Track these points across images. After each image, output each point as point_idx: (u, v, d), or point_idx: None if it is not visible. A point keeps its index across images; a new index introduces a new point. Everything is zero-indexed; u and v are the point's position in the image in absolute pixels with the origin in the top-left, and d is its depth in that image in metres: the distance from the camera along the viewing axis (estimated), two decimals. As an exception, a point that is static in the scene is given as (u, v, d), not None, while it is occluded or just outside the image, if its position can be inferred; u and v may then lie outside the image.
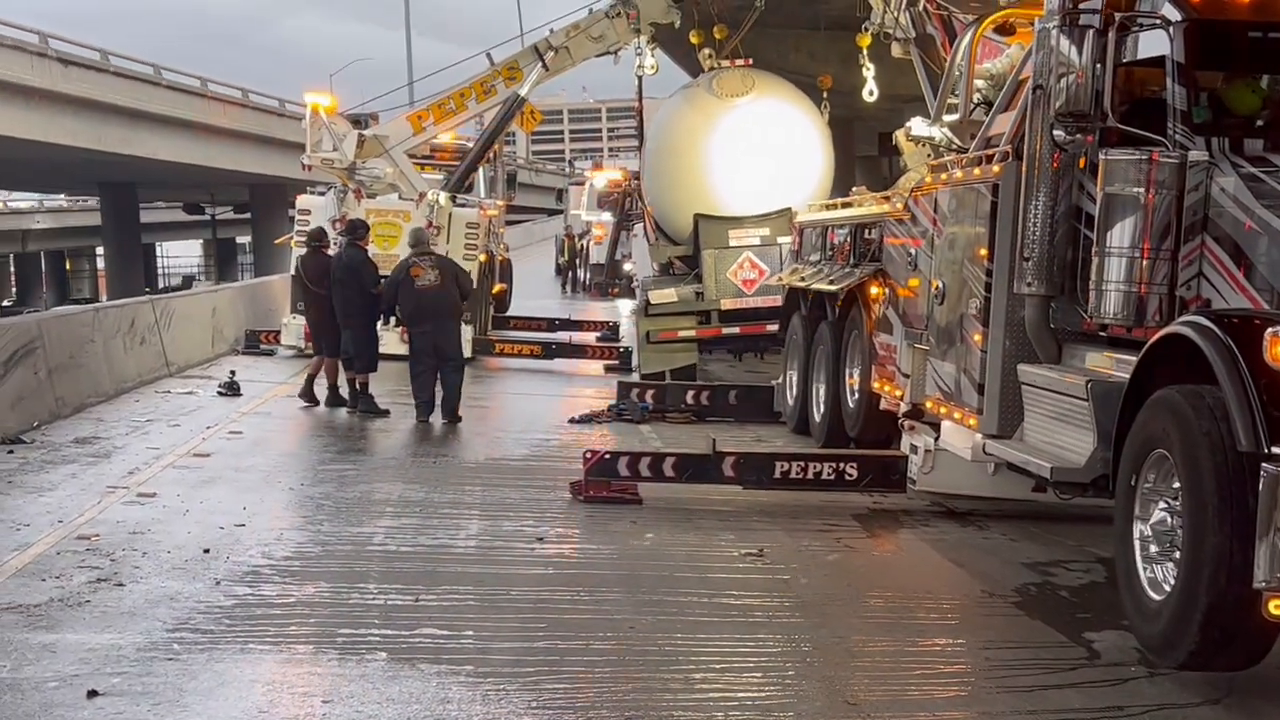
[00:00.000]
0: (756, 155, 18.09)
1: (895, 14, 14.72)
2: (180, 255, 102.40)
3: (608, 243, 41.86)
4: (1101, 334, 8.33)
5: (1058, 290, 8.64)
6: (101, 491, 10.66)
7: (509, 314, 28.60)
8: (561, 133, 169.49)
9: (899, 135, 16.60)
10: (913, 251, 10.98)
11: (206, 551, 8.78)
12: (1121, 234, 7.62)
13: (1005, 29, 11.10)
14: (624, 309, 35.75)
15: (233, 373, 16.98)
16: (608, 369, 21.41)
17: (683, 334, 17.98)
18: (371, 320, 15.43)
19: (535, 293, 38.21)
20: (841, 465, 10.96)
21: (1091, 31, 7.85)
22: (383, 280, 15.32)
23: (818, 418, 14.12)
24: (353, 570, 8.50)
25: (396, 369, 15.90)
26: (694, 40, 23.34)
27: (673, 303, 17.92)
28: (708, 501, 10.94)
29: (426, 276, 14.72)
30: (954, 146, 11.60)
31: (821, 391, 14.07)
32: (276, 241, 33.52)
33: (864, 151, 43.33)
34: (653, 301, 17.98)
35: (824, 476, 10.96)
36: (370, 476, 11.79)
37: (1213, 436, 6.35)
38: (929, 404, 10.56)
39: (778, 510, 10.74)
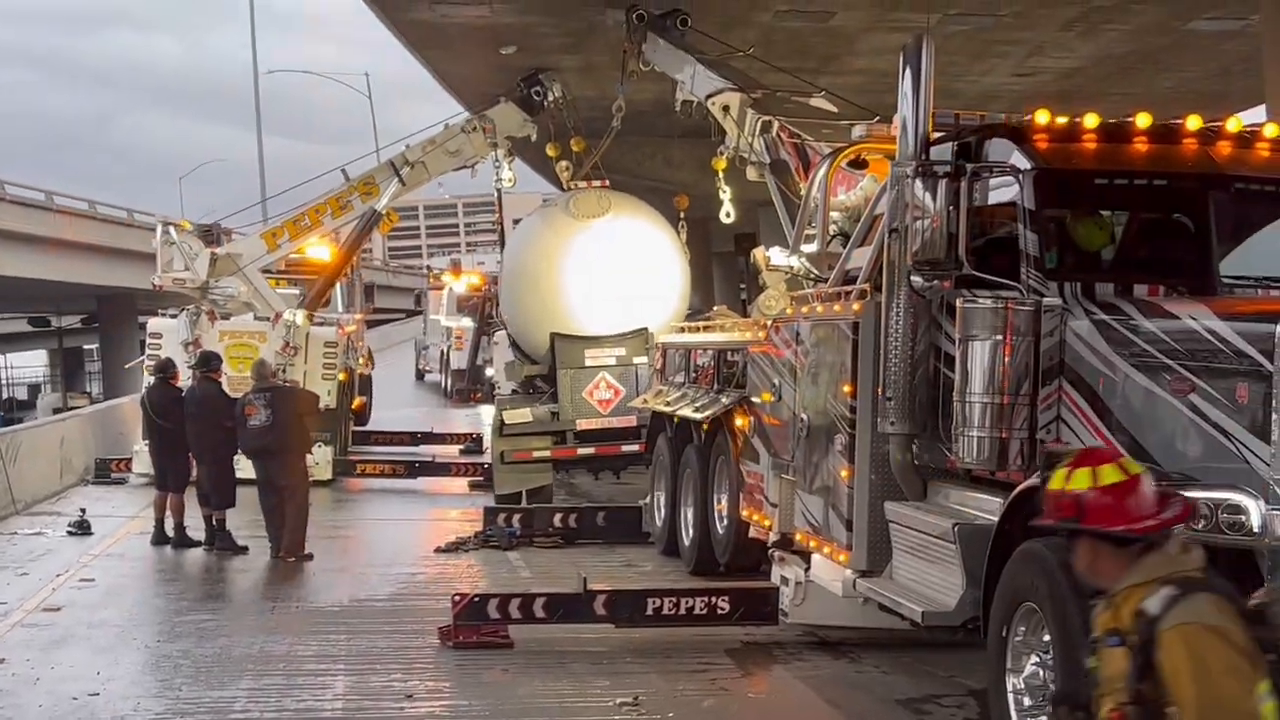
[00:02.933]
0: (613, 275, 18.10)
1: (749, 139, 14.95)
2: (24, 365, 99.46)
3: (468, 348, 41.65)
4: (965, 474, 8.42)
5: (920, 428, 8.73)
6: (-56, 658, 10.16)
7: (370, 429, 28.19)
8: (418, 229, 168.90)
9: (757, 254, 16.90)
10: (776, 382, 11.04)
11: (58, 728, 8.40)
12: (981, 379, 7.72)
13: (859, 162, 11.29)
14: (486, 416, 35.52)
15: (82, 510, 16.43)
16: (472, 486, 21.19)
17: (537, 454, 17.81)
18: (227, 455, 15.07)
19: (394, 400, 37.76)
20: (713, 599, 10.88)
21: (944, 180, 8.00)
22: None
23: (687, 542, 14.08)
24: (214, 742, 8.18)
25: (251, 497, 15.53)
26: (550, 153, 23.50)
27: (528, 422, 17.77)
28: (580, 641, 10.77)
29: (258, 417, 14.54)
30: (812, 276, 11.74)
31: (690, 515, 14.05)
32: (127, 366, 32.80)
33: (720, 248, 43.97)
34: (507, 421, 17.81)
35: (696, 612, 10.86)
36: (230, 627, 11.41)
37: (1083, 592, 6.40)
38: (799, 536, 10.56)
39: (651, 648, 10.61)
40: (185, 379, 20.71)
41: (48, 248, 43.07)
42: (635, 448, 17.20)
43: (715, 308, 16.44)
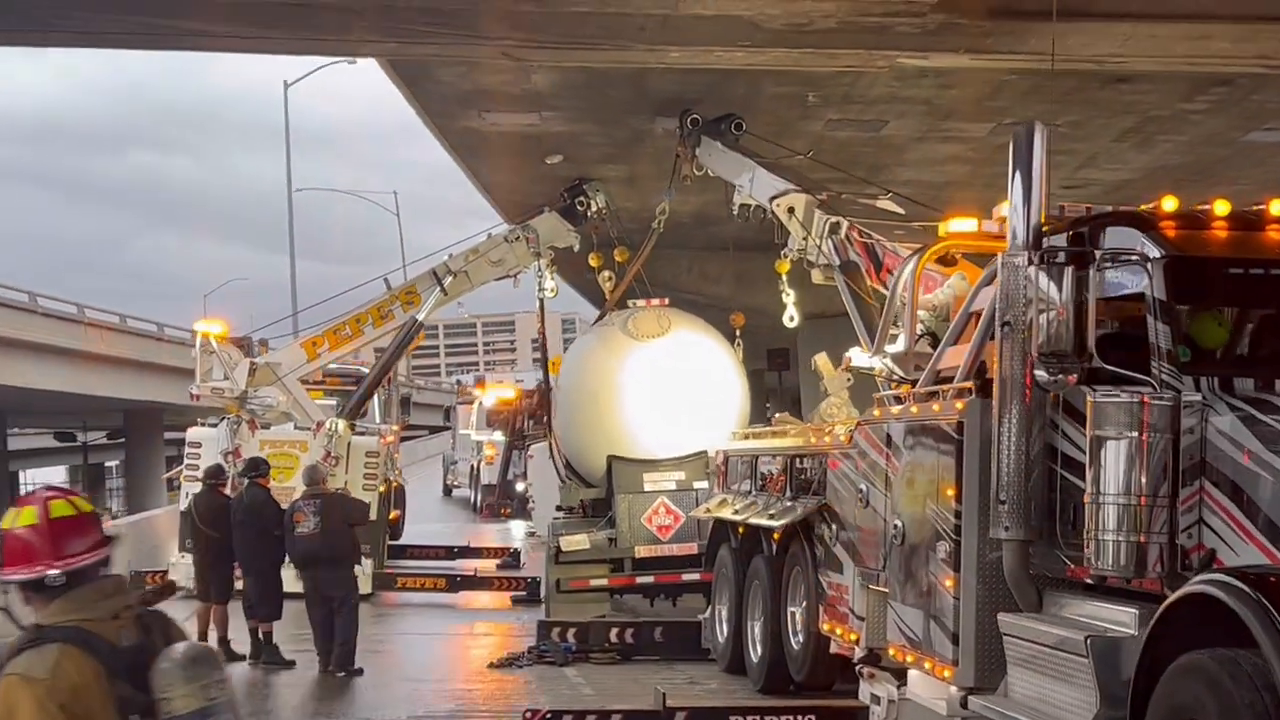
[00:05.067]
0: (673, 397, 17.56)
1: (817, 241, 14.61)
2: (42, 482, 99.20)
3: (499, 462, 41.16)
4: (1089, 582, 7.89)
5: (1036, 535, 8.21)
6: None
7: (405, 542, 27.63)
8: (437, 347, 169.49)
9: (818, 361, 16.52)
10: (863, 487, 10.54)
11: None
12: (1116, 479, 7.23)
13: (947, 260, 10.92)
14: (516, 531, 34.94)
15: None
16: (515, 601, 20.62)
17: (594, 582, 17.14)
18: (275, 564, 14.56)
19: (422, 516, 37.21)
20: (799, 718, 10.29)
21: (1070, 269, 7.58)
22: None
23: (755, 658, 13.46)
24: None
25: (298, 609, 14.99)
26: (593, 263, 23.31)
27: (585, 549, 17.14)
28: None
29: (306, 524, 14.08)
30: (895, 378, 11.29)
31: (757, 630, 13.46)
32: (165, 476, 32.37)
33: (752, 365, 43.66)
34: (564, 548, 17.13)
35: (782, 731, 10.28)
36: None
37: (1256, 708, 5.87)
38: (891, 651, 9.97)
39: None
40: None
41: (78, 361, 42.93)
42: (696, 576, 16.60)
43: (775, 415, 15.97)
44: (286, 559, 14.66)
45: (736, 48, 14.46)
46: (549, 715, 10.27)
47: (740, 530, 14.02)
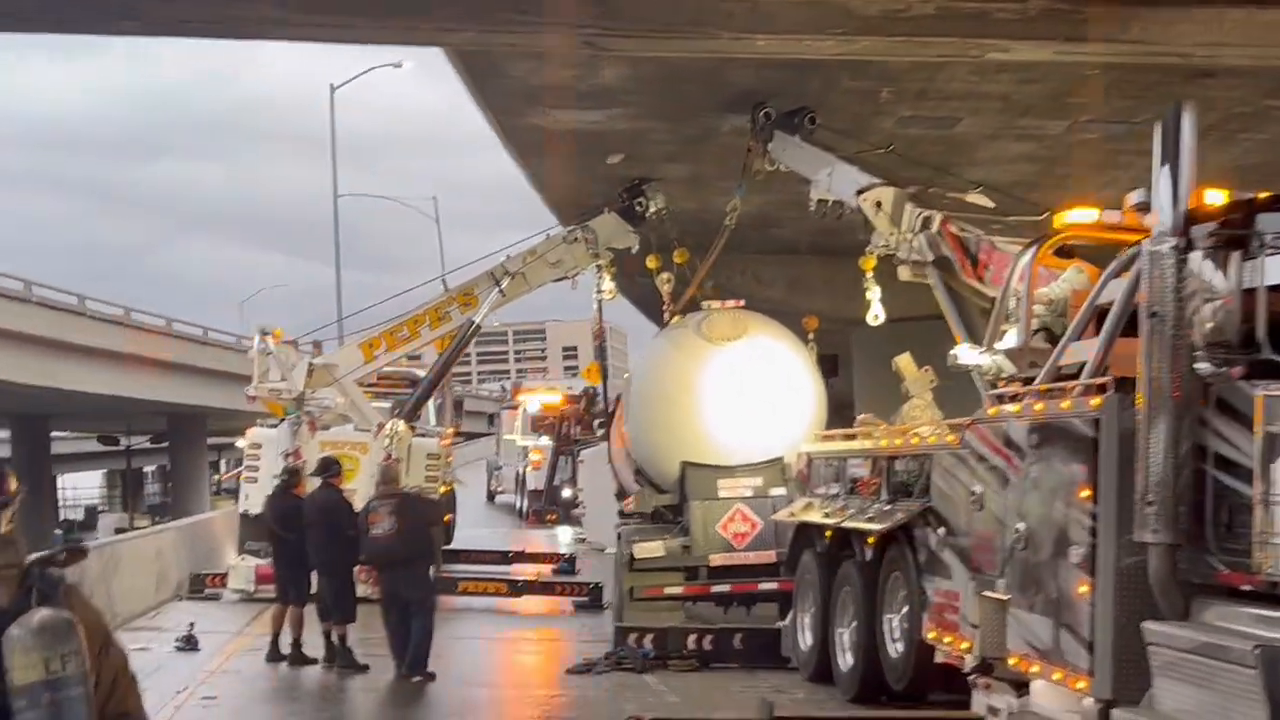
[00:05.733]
0: (750, 401, 17.02)
1: (908, 237, 14.11)
2: (78, 487, 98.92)
3: (546, 468, 40.83)
4: (1244, 589, 7.43)
5: (1185, 538, 7.77)
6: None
7: (458, 547, 27.28)
8: (469, 355, 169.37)
9: (900, 362, 16.06)
10: (977, 489, 10.09)
11: None
12: (1289, 478, 6.78)
13: (1064, 252, 10.46)
14: (563, 537, 34.58)
15: (191, 625, 15.55)
16: (577, 607, 20.24)
17: (669, 590, 16.65)
18: (349, 566, 14.20)
19: (468, 521, 36.86)
20: (913, 730, 9.85)
21: (1237, 255, 7.13)
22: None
23: (845, 666, 13.02)
24: None
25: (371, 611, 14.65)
26: (651, 265, 22.91)
27: (659, 557, 16.65)
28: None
29: (381, 525, 13.69)
30: (1005, 376, 10.85)
31: (847, 638, 13.02)
32: (222, 477, 32.13)
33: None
34: (638, 556, 16.63)
35: (894, 743, 9.84)
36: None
37: None
38: (1012, 660, 9.52)
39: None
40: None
41: (125, 364, 42.84)
42: (774, 585, 16.14)
43: (859, 416, 15.49)
44: (361, 560, 14.31)
45: (827, 36, 14.02)
46: (650, 724, 9.86)
47: (828, 535, 13.59)
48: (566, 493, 39.52)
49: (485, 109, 21.39)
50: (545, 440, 41.30)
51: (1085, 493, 8.51)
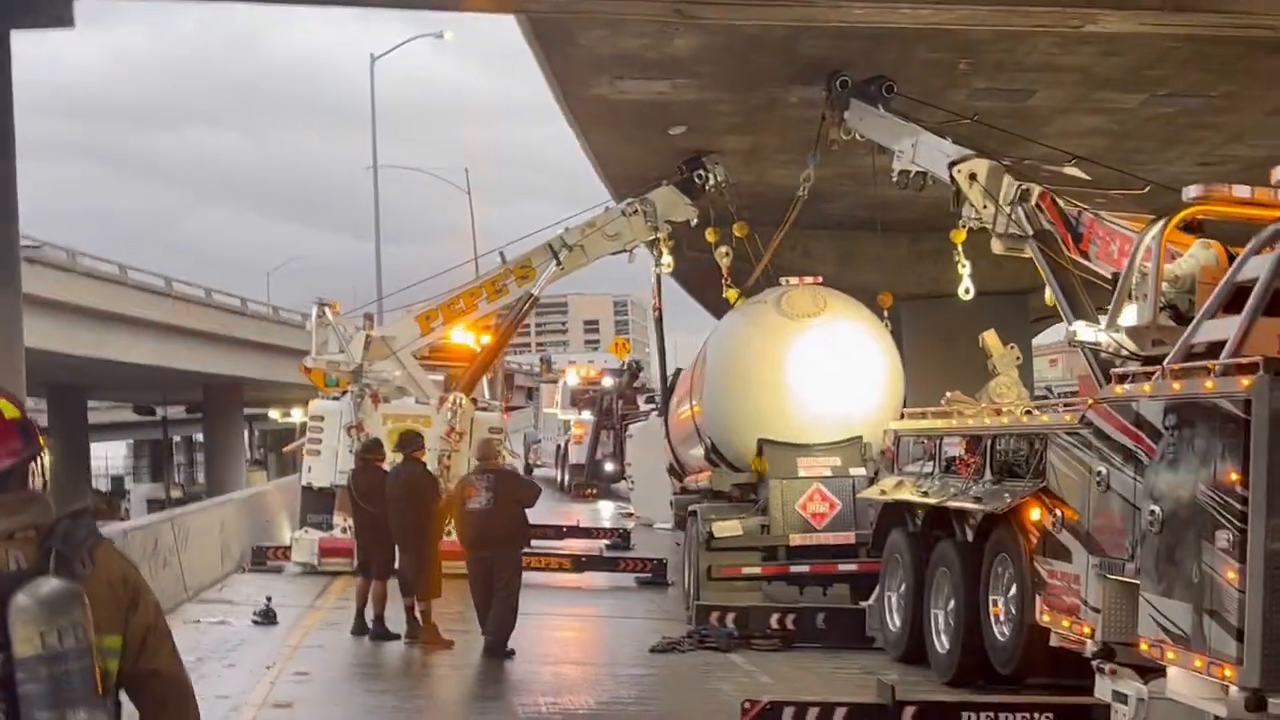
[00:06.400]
0: (829, 379, 16.72)
1: (1007, 210, 13.78)
2: (104, 457, 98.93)
3: (588, 443, 40.65)
4: None
5: (1348, 522, 7.51)
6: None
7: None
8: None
9: (986, 338, 15.79)
10: (1102, 470, 9.82)
11: None
12: None
13: (1193, 226, 10.18)
14: (604, 511, 34.43)
15: (268, 599, 15.38)
16: (640, 583, 20.09)
17: (747, 570, 16.40)
18: (432, 540, 14.02)
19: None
20: (1036, 716, 9.65)
21: None
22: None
23: (940, 649, 12.79)
24: None
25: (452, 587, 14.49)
26: (710, 238, 22.68)
27: (737, 536, 16.39)
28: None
29: (478, 499, 13.46)
30: (1123, 354, 10.59)
31: (942, 619, 12.80)
32: (285, 450, 31.96)
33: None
34: (716, 535, 16.32)
35: (1016, 729, 9.62)
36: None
37: None
38: (1143, 646, 9.27)
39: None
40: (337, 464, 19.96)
41: (166, 334, 42.81)
42: (853, 567, 15.92)
43: (947, 394, 15.20)
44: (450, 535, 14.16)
45: (923, 5, 13.73)
46: (769, 706, 9.64)
47: (920, 512, 13.36)
48: (609, 467, 39.39)
49: (551, 78, 21.13)
50: (587, 415, 41.14)
51: (1233, 475, 8.24)
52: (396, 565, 14.22)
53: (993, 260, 18.98)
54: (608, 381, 42.10)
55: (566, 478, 41.97)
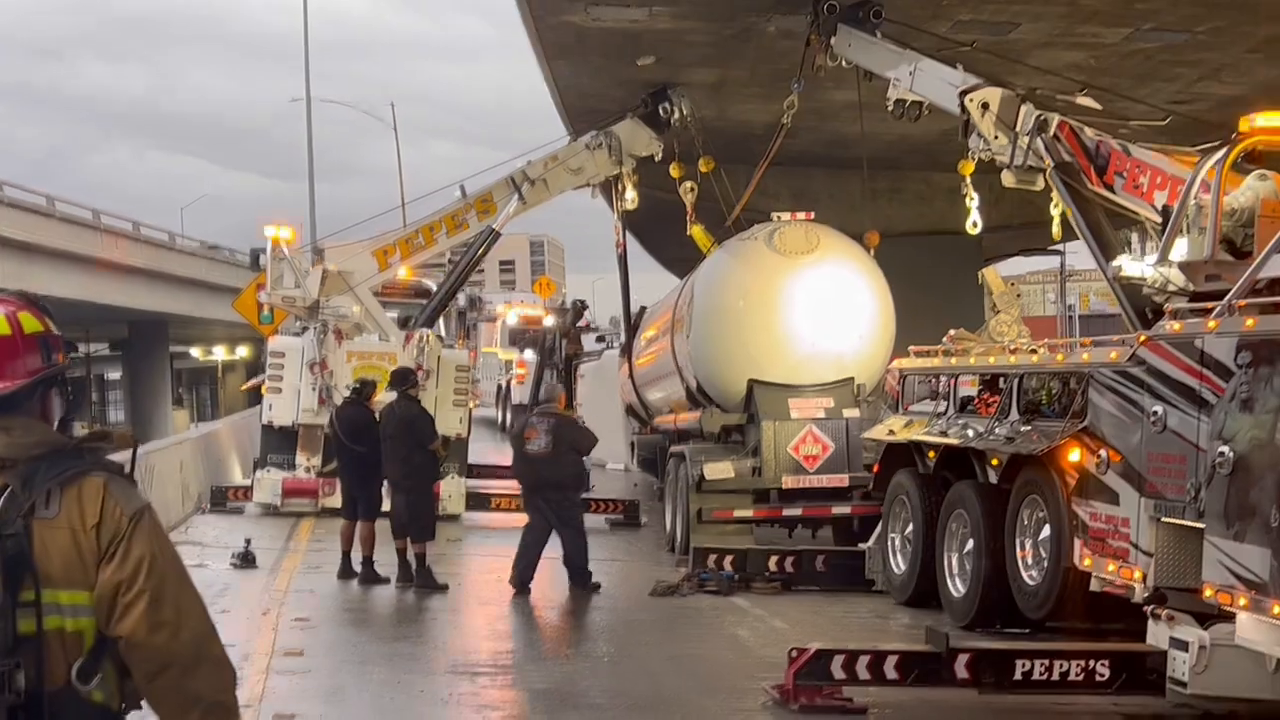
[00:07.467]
0: (822, 319, 16.31)
1: (1025, 141, 13.32)
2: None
3: (530, 383, 40.00)
4: None
5: None
6: None
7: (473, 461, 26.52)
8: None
9: (987, 274, 15.45)
10: (1158, 410, 9.49)
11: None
12: None
13: (1252, 156, 9.82)
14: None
15: (247, 541, 14.73)
16: (612, 524, 19.70)
17: (738, 514, 15.98)
18: (430, 481, 13.49)
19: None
20: (1091, 663, 9.31)
21: None
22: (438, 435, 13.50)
23: (956, 592, 12.46)
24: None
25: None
26: (674, 174, 22.23)
27: (729, 478, 15.97)
28: (936, 707, 9.20)
29: (538, 441, 13.18)
30: (1171, 289, 10.25)
31: (957, 562, 12.47)
32: (244, 387, 31.04)
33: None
34: (708, 476, 15.93)
35: (1071, 677, 9.29)
36: (524, 667, 9.85)
37: None
38: (1208, 591, 8.97)
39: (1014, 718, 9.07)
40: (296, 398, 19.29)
41: (94, 268, 41.48)
42: (847, 510, 15.59)
43: (951, 331, 14.84)
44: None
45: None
46: (817, 654, 9.23)
47: (931, 453, 13.02)
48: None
49: (523, 3, 20.41)
50: (530, 354, 40.46)
51: (1320, 414, 7.94)
52: (386, 506, 13.66)
53: (948, 200, 18.59)
54: (550, 321, 41.46)
55: (509, 418, 41.32)
